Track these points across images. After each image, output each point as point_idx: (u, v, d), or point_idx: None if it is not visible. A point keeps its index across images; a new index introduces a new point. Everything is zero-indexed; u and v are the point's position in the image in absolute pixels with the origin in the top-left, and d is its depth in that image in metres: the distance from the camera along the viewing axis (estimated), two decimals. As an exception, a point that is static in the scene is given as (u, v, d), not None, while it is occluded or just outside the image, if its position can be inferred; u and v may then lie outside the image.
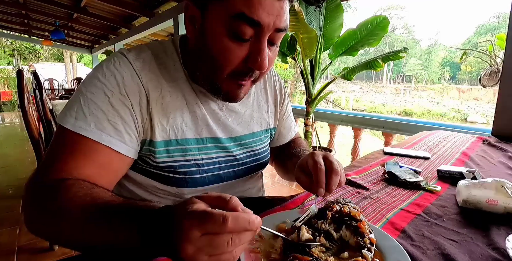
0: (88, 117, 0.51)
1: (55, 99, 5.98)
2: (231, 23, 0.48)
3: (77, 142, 0.50)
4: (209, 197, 0.35)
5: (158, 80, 0.58)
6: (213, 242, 0.31)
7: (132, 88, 0.55)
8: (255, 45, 0.50)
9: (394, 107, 23.54)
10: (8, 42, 18.00)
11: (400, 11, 46.12)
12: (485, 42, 3.34)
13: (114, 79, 0.53)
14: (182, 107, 0.60)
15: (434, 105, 24.48)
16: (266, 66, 0.51)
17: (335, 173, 0.53)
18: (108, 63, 0.55)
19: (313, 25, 2.49)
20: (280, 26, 0.50)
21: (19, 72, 1.54)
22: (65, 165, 0.49)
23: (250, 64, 0.51)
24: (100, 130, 0.51)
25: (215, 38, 0.51)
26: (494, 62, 2.73)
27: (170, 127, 0.59)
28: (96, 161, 0.51)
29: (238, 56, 0.51)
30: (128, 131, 0.54)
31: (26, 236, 1.89)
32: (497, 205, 0.60)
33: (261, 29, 0.49)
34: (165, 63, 0.60)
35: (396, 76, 42.49)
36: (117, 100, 0.53)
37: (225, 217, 0.31)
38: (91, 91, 0.52)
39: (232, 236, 0.32)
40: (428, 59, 40.99)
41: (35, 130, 1.55)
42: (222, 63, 0.52)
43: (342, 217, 0.49)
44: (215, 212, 0.32)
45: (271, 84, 0.78)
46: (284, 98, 0.81)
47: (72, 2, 5.13)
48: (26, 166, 3.31)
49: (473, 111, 21.46)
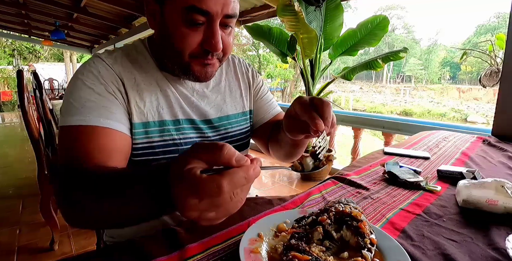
0: (81, 110, 0.56)
1: (55, 99, 5.98)
2: (185, 14, 0.56)
3: (80, 133, 0.55)
4: (202, 153, 0.33)
5: (131, 71, 0.64)
6: (214, 203, 0.32)
7: (108, 77, 0.61)
8: (208, 30, 0.58)
9: (394, 107, 23.54)
10: (8, 42, 17.97)
11: (400, 11, 46.13)
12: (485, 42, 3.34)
13: (92, 74, 0.60)
14: (157, 92, 0.66)
15: (434, 105, 24.48)
16: (220, 47, 0.58)
17: (326, 104, 0.52)
18: (85, 65, 0.62)
19: (313, 25, 2.49)
20: (229, 12, 0.58)
21: (19, 72, 1.54)
22: (81, 156, 0.53)
23: (205, 46, 0.59)
24: (97, 117, 0.56)
25: (173, 27, 0.58)
26: (494, 62, 2.72)
27: (148, 110, 0.64)
28: (102, 145, 0.55)
29: (194, 41, 0.58)
30: (121, 111, 0.61)
31: (26, 236, 1.89)
32: (497, 205, 0.60)
33: (211, 16, 0.56)
34: (136, 58, 0.67)
35: (396, 76, 42.49)
36: (101, 89, 0.59)
37: (219, 185, 0.31)
38: (75, 90, 0.58)
39: (232, 192, 0.32)
40: (428, 59, 40.98)
41: (35, 130, 1.55)
42: (182, 47, 0.59)
43: (343, 217, 0.49)
44: (208, 182, 0.31)
45: (242, 71, 0.85)
46: (256, 80, 0.87)
47: (72, 2, 5.13)
48: (26, 166, 3.31)
49: (473, 111, 21.46)
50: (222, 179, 0.31)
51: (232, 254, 0.46)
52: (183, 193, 0.32)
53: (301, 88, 12.86)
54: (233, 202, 0.33)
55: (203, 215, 0.33)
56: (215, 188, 0.31)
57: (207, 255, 0.46)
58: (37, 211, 1.74)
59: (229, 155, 0.33)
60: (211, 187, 0.31)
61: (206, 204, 0.32)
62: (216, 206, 0.32)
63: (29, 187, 2.67)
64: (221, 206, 0.32)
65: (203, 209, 0.32)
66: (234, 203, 0.33)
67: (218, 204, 0.32)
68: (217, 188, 0.31)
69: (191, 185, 0.31)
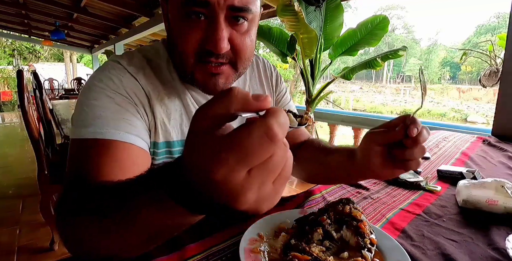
0: (97, 121, 0.48)
1: (55, 99, 5.98)
2: (183, 7, 0.49)
3: (96, 147, 0.47)
4: (209, 108, 0.22)
5: (154, 83, 0.57)
6: (270, 165, 0.22)
7: (132, 89, 0.53)
8: (209, 26, 0.49)
9: (394, 107, 23.52)
10: (8, 42, 17.99)
11: (400, 11, 46.17)
12: (485, 42, 3.34)
13: (112, 82, 0.52)
14: (181, 108, 0.60)
15: (434, 105, 24.46)
16: (223, 46, 0.49)
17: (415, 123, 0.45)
18: (103, 71, 0.54)
19: (313, 25, 2.49)
20: (234, 4, 0.48)
21: (19, 72, 1.54)
22: (93, 172, 0.45)
23: (206, 45, 0.50)
24: (115, 129, 0.49)
25: (173, 24, 0.52)
26: (494, 62, 2.72)
27: (172, 128, 0.58)
28: (121, 160, 0.48)
29: (194, 38, 0.50)
30: (142, 126, 0.53)
31: (26, 236, 1.89)
32: (497, 205, 0.60)
33: (212, 8, 0.48)
34: (159, 65, 0.59)
35: (396, 76, 42.50)
36: (122, 100, 0.52)
37: (269, 129, 0.20)
38: (92, 98, 0.50)
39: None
40: (428, 59, 41.00)
41: (35, 130, 1.55)
42: (181, 46, 0.51)
43: (343, 217, 0.49)
44: (250, 132, 0.20)
45: (266, 74, 0.76)
46: (279, 87, 0.78)
47: (72, 2, 5.13)
48: (26, 166, 3.31)
49: (473, 111, 21.44)
50: (267, 121, 0.21)
51: (232, 254, 0.46)
52: (219, 173, 0.20)
53: (301, 88, 12.86)
54: (288, 156, 0.23)
55: (261, 192, 0.22)
56: (264, 138, 0.20)
57: (207, 255, 0.46)
58: (37, 211, 1.74)
59: (242, 95, 0.22)
60: (259, 136, 0.20)
61: (260, 171, 0.21)
62: (271, 168, 0.22)
63: (29, 187, 2.67)
64: (277, 165, 0.22)
65: (257, 181, 0.21)
66: (289, 158, 0.23)
67: (274, 164, 0.22)
68: (268, 136, 0.20)
69: (227, 152, 0.20)
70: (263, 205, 0.23)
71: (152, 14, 4.72)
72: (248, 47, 0.53)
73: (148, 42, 7.12)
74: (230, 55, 0.52)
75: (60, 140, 2.43)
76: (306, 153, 0.72)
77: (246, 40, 0.53)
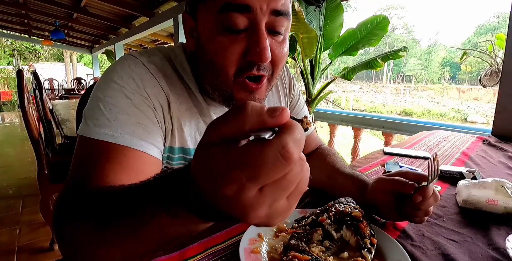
0: (113, 123, 0.46)
1: (55, 99, 5.97)
2: (221, 17, 0.45)
3: (106, 151, 0.45)
4: (222, 125, 0.22)
5: (174, 85, 0.54)
6: (282, 182, 0.21)
7: (152, 90, 0.51)
8: (252, 35, 0.45)
9: (394, 107, 23.52)
10: (8, 42, 18.00)
11: (400, 11, 46.19)
12: (485, 42, 3.34)
13: (133, 81, 0.49)
14: (198, 117, 0.57)
15: (434, 105, 24.47)
16: (268, 57, 0.45)
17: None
18: (122, 66, 0.51)
19: (313, 25, 2.49)
20: (277, 7, 0.44)
21: (19, 72, 1.54)
22: (98, 176, 0.43)
23: (249, 57, 0.45)
24: (129, 135, 0.46)
25: (209, 38, 0.47)
26: (494, 62, 2.72)
27: (188, 135, 0.56)
28: (130, 168, 0.45)
29: (235, 51, 0.46)
30: (157, 132, 0.51)
31: (26, 236, 1.89)
32: (497, 205, 0.60)
33: (254, 14, 0.44)
34: (178, 70, 0.56)
35: (396, 76, 42.50)
36: (140, 102, 0.49)
37: (284, 146, 0.20)
38: (110, 95, 0.48)
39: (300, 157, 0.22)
40: (428, 59, 41.03)
41: (35, 130, 1.55)
42: (220, 63, 0.47)
43: (343, 217, 0.49)
44: (264, 148, 0.20)
45: (281, 78, 0.74)
46: (293, 92, 0.75)
47: (72, 2, 5.13)
48: (26, 166, 3.31)
49: (473, 111, 21.44)
50: (282, 140, 0.20)
51: (232, 254, 0.46)
52: (228, 188, 0.20)
53: (301, 88, 12.85)
54: (305, 171, 0.22)
55: (274, 207, 0.21)
56: (278, 158, 0.19)
57: (207, 255, 0.46)
58: (37, 211, 1.74)
59: (257, 112, 0.21)
60: (273, 155, 0.19)
61: (272, 188, 0.21)
62: (285, 186, 0.21)
63: (29, 187, 2.67)
64: (292, 182, 0.21)
65: (269, 199, 0.21)
66: (306, 172, 0.22)
67: (288, 182, 0.21)
68: (283, 157, 0.19)
69: (241, 169, 0.20)
70: (276, 219, 0.23)
71: (152, 14, 4.72)
72: (285, 57, 0.51)
73: (148, 42, 7.13)
74: (269, 66, 0.50)
75: (60, 140, 2.43)
76: (317, 162, 0.71)
77: (284, 49, 0.50)
